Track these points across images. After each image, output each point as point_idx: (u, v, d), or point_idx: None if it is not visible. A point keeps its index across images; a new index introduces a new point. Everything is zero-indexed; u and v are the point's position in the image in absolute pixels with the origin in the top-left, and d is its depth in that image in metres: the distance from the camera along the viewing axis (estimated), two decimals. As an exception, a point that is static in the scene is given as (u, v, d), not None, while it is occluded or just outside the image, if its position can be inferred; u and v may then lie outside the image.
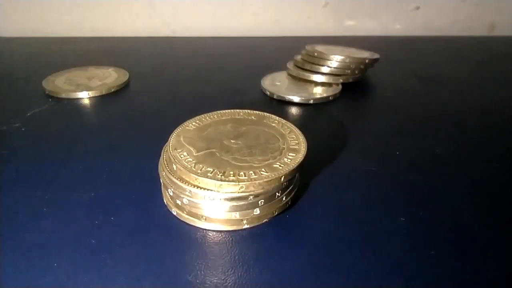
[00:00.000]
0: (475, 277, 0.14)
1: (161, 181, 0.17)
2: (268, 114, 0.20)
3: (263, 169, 0.15)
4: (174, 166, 0.16)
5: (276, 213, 0.17)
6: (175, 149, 0.17)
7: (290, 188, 0.17)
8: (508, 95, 0.30)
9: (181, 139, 0.18)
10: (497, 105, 0.28)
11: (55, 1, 0.50)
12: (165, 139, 0.18)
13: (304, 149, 0.17)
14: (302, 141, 0.18)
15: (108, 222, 0.16)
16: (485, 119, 0.26)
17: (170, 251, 0.15)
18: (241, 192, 0.15)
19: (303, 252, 0.15)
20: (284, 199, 0.17)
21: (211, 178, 0.15)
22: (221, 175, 0.15)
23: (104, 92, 0.30)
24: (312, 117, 0.27)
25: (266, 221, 0.16)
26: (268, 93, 0.30)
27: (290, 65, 0.32)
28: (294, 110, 0.28)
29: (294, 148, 0.17)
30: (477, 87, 0.32)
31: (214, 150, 0.17)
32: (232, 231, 0.16)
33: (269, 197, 0.16)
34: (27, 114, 0.27)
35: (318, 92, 0.30)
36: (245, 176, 0.15)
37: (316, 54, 0.30)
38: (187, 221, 0.16)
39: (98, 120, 0.27)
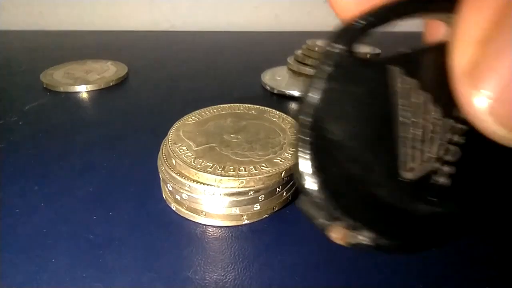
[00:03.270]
0: (476, 274, 0.14)
1: (160, 176, 0.17)
2: (268, 108, 0.20)
3: (263, 164, 0.15)
4: (174, 161, 0.16)
5: (277, 208, 0.16)
6: (175, 143, 0.17)
7: (291, 183, 0.17)
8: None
9: (181, 133, 0.17)
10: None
11: (53, -6, 0.50)
12: (164, 134, 0.18)
13: (305, 144, 0.17)
14: (303, 136, 0.17)
15: (106, 217, 0.16)
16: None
17: (169, 246, 0.15)
18: (241, 187, 0.15)
19: (303, 248, 0.15)
20: (284, 194, 0.16)
21: (210, 173, 0.15)
22: (221, 170, 0.15)
23: (102, 86, 0.30)
24: (313, 112, 0.27)
25: (266, 217, 0.16)
26: (269, 87, 0.29)
27: (290, 59, 0.32)
28: (294, 105, 0.27)
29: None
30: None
31: (214, 144, 0.17)
32: (232, 226, 0.16)
33: (270, 193, 0.16)
34: (24, 108, 0.26)
35: (319, 87, 0.29)
36: (245, 171, 0.15)
37: (317, 48, 0.30)
38: (186, 217, 0.16)
39: (96, 114, 0.26)
